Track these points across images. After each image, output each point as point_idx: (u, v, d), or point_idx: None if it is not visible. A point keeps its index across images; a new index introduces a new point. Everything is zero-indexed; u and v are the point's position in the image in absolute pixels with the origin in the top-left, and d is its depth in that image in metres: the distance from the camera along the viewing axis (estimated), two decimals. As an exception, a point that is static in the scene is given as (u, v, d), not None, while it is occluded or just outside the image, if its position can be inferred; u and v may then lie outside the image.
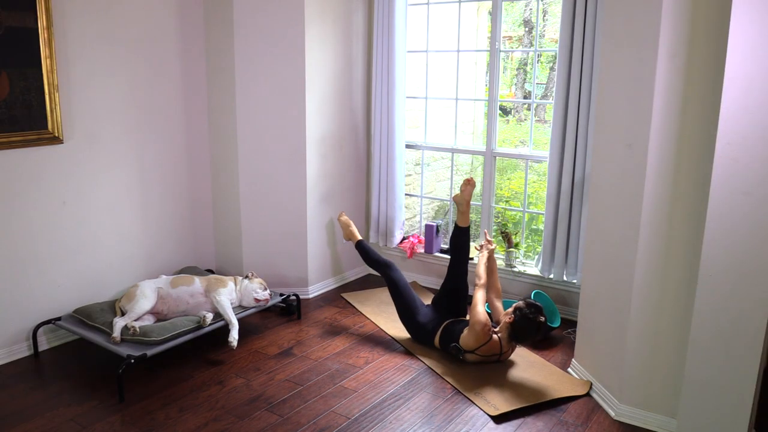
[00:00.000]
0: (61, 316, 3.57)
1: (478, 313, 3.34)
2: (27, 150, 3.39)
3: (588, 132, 3.71)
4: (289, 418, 2.93)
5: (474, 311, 3.37)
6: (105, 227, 3.81)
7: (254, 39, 4.07)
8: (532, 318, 3.29)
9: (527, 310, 3.31)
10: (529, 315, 3.29)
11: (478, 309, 3.37)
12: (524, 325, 3.30)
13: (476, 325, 3.31)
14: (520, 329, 3.32)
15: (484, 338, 3.31)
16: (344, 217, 4.32)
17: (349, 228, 4.24)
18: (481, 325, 3.30)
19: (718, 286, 2.46)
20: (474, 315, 3.35)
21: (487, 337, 3.32)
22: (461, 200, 3.73)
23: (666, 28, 2.54)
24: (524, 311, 3.31)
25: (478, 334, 3.31)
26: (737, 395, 2.48)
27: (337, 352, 3.62)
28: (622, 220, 2.85)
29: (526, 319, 3.29)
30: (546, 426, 2.90)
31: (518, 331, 3.34)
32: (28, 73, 3.32)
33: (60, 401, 3.05)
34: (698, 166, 2.58)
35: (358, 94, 4.66)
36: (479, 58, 6.86)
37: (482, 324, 3.30)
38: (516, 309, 3.35)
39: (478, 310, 3.36)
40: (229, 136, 4.25)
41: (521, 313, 3.31)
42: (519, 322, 3.31)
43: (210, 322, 3.45)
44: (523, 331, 3.32)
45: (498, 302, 3.65)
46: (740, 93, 2.31)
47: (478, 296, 3.46)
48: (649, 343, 2.82)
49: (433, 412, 3.00)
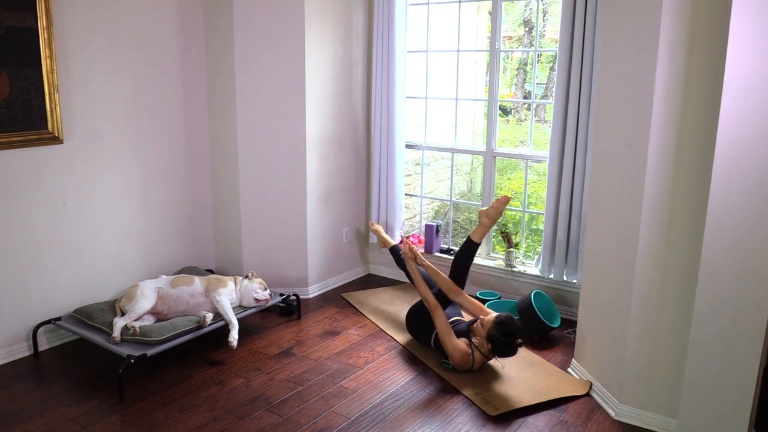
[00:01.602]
0: (61, 316, 3.57)
1: (451, 351, 3.27)
2: (27, 150, 3.39)
3: (588, 132, 3.71)
4: (289, 418, 2.93)
5: (446, 349, 3.30)
6: (105, 227, 3.81)
7: (254, 39, 4.07)
8: (509, 345, 3.17)
9: (501, 337, 3.16)
10: (503, 343, 3.16)
11: (448, 347, 3.28)
12: (503, 349, 3.20)
13: (454, 360, 3.28)
14: (501, 352, 3.22)
15: (467, 365, 3.29)
16: (375, 226, 4.45)
17: (379, 235, 4.37)
18: (459, 360, 3.27)
19: (718, 286, 2.46)
20: (447, 351, 3.30)
21: (469, 363, 3.29)
22: (492, 217, 3.57)
23: (666, 28, 2.54)
24: (498, 340, 3.17)
25: (459, 364, 3.29)
26: (737, 395, 2.48)
27: (337, 352, 3.62)
28: (622, 220, 2.85)
29: (503, 346, 3.18)
30: (546, 426, 2.90)
31: (500, 353, 3.23)
32: (28, 73, 3.32)
33: (60, 401, 3.05)
34: (698, 166, 2.58)
35: (358, 94, 4.66)
36: (479, 58, 6.86)
37: (459, 359, 3.26)
38: (489, 338, 3.20)
39: (448, 348, 3.28)
40: (229, 137, 4.25)
41: (496, 343, 3.18)
42: (497, 349, 3.20)
43: (210, 322, 3.45)
44: (504, 353, 3.22)
45: (461, 297, 3.50)
46: (740, 93, 2.31)
47: (439, 325, 3.33)
48: (649, 343, 2.82)
49: (433, 412, 3.00)
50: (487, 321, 3.25)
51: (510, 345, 3.17)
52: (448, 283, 3.55)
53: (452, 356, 3.30)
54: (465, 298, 3.50)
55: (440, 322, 3.36)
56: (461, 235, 6.13)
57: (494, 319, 3.22)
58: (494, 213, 3.58)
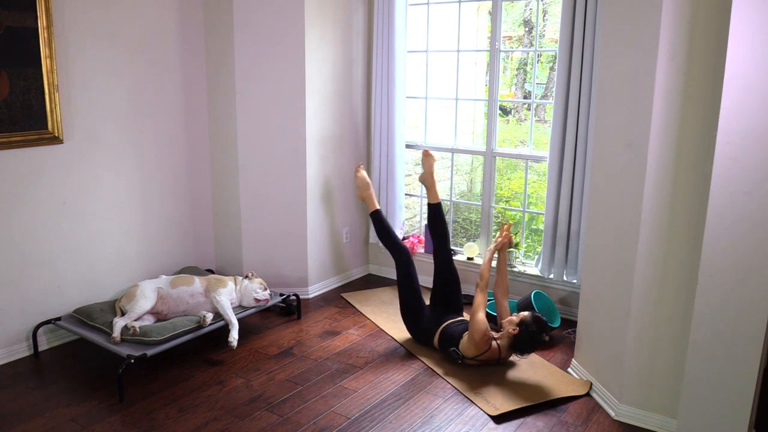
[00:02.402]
0: (61, 316, 3.57)
1: (478, 322, 3.27)
2: (27, 150, 3.39)
3: (588, 132, 3.71)
4: (289, 418, 2.93)
5: (474, 319, 3.30)
6: (105, 227, 3.81)
7: (254, 39, 4.07)
8: (537, 337, 3.22)
9: (533, 327, 3.22)
10: (534, 334, 3.21)
11: (478, 317, 3.29)
12: (528, 341, 3.23)
13: (476, 334, 3.27)
14: (523, 344, 3.25)
15: (484, 347, 3.28)
16: (362, 172, 4.05)
17: (367, 191, 3.97)
18: (481, 335, 3.26)
19: (718, 286, 2.46)
20: (473, 323, 3.29)
21: (486, 346, 3.28)
22: (425, 176, 3.70)
23: (666, 28, 2.54)
24: (530, 328, 3.22)
25: (477, 343, 3.28)
26: (737, 395, 2.48)
27: (337, 352, 3.62)
28: (622, 220, 2.85)
29: (531, 337, 3.22)
30: (546, 426, 2.90)
31: (520, 345, 3.26)
32: (28, 73, 3.32)
33: (60, 401, 3.05)
34: (698, 166, 2.58)
35: (358, 94, 4.66)
36: (479, 58, 6.86)
37: (482, 333, 3.25)
38: (522, 323, 3.25)
39: (477, 318, 3.29)
40: (229, 136, 4.25)
41: (527, 329, 3.22)
42: (523, 337, 3.23)
43: (210, 322, 3.45)
44: (525, 346, 3.25)
45: (505, 301, 3.58)
46: (740, 93, 2.31)
47: (478, 300, 3.37)
48: (649, 343, 2.82)
49: (433, 412, 3.00)
50: (523, 314, 3.32)
51: (539, 339, 3.23)
52: (507, 283, 3.65)
53: (476, 328, 3.26)
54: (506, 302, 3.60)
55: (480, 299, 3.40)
56: (461, 235, 6.13)
57: (532, 312, 3.33)
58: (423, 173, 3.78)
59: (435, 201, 3.72)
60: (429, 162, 3.77)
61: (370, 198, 3.98)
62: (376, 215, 3.93)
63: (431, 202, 3.75)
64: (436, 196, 3.75)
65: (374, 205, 3.96)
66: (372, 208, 3.96)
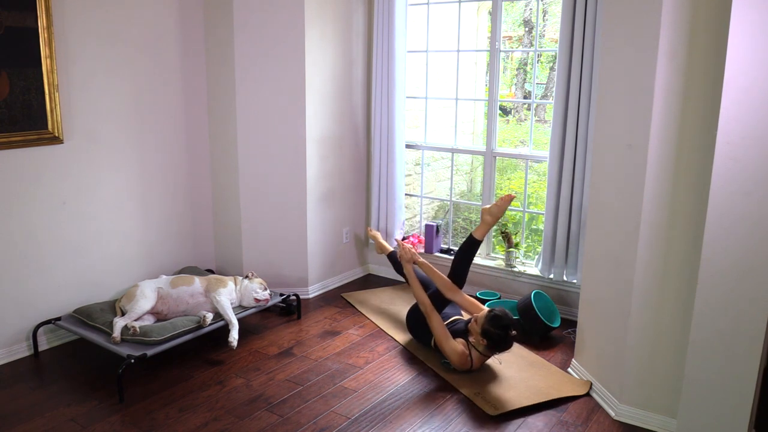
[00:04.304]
0: (61, 316, 3.57)
1: (449, 353, 3.28)
2: (27, 150, 3.39)
3: (588, 132, 3.71)
4: (289, 418, 2.93)
5: (443, 351, 3.31)
6: (105, 227, 3.81)
7: (254, 39, 4.07)
8: (504, 337, 3.17)
9: (496, 330, 3.15)
10: (500, 336, 3.15)
11: (446, 350, 3.29)
12: (500, 344, 3.20)
13: (452, 362, 3.30)
14: (497, 346, 3.22)
15: (467, 365, 3.29)
16: (372, 232, 4.54)
17: (377, 241, 4.45)
18: (457, 361, 3.28)
19: (718, 286, 2.46)
20: (445, 354, 3.31)
21: (467, 364, 3.28)
22: (495, 215, 3.55)
23: (666, 28, 2.54)
24: (492, 334, 3.16)
25: (458, 366, 3.30)
26: (737, 395, 2.48)
27: (337, 352, 3.62)
28: (622, 220, 2.85)
29: (500, 340, 3.17)
30: (546, 426, 2.90)
31: (496, 348, 3.23)
32: (28, 73, 3.32)
33: (60, 401, 3.05)
34: (698, 166, 2.58)
35: (358, 94, 4.66)
36: (479, 58, 6.86)
37: (458, 360, 3.27)
38: (484, 333, 3.18)
39: (446, 351, 3.29)
40: (229, 136, 4.25)
41: (491, 337, 3.17)
42: (492, 344, 3.20)
43: (210, 322, 3.45)
44: (500, 347, 3.22)
45: (458, 296, 3.51)
46: (740, 93, 2.31)
47: (435, 328, 3.35)
48: (649, 343, 2.82)
49: (433, 412, 3.00)
50: (480, 317, 3.23)
51: (505, 338, 3.16)
52: (445, 282, 3.55)
53: (450, 359, 3.30)
54: (462, 297, 3.51)
55: (436, 325, 3.36)
56: (461, 235, 6.13)
57: (487, 314, 3.21)
58: (497, 211, 3.56)
59: (481, 239, 3.60)
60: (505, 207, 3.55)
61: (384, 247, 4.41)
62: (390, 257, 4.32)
63: (478, 238, 3.59)
64: (484, 235, 3.61)
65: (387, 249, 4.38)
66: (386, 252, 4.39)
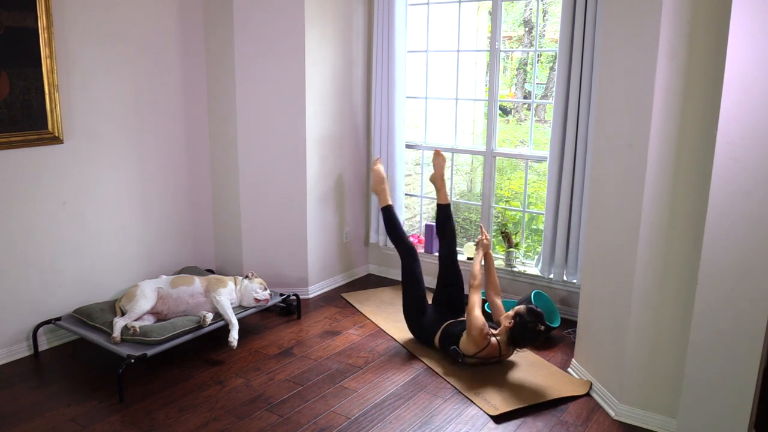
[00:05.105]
0: (61, 316, 3.57)
1: (475, 318, 3.28)
2: (27, 150, 3.39)
3: (588, 132, 3.71)
4: (289, 418, 2.93)
5: (470, 316, 3.30)
6: (105, 227, 3.81)
7: (254, 39, 4.07)
8: (531, 327, 3.21)
9: (527, 317, 3.22)
10: (528, 323, 3.21)
11: (475, 314, 3.29)
12: (523, 332, 3.23)
13: (473, 331, 3.27)
14: (519, 336, 3.25)
15: (483, 343, 3.29)
16: (378, 166, 4.05)
17: (381, 185, 3.95)
18: (478, 331, 3.26)
19: (718, 286, 2.46)
20: (470, 320, 3.29)
21: (485, 342, 3.29)
22: (435, 177, 3.69)
23: (666, 28, 2.54)
24: (524, 318, 3.22)
25: (476, 340, 3.28)
26: (737, 395, 2.48)
27: (337, 352, 3.62)
28: (622, 220, 2.85)
29: (526, 327, 3.22)
30: (546, 426, 2.90)
31: (517, 338, 3.27)
32: (28, 73, 3.32)
33: (60, 401, 3.05)
34: (698, 167, 2.58)
35: (358, 94, 4.66)
36: (479, 58, 6.86)
37: (479, 329, 3.26)
38: (516, 315, 3.26)
39: (474, 315, 3.29)
40: (229, 136, 4.25)
41: (521, 320, 3.23)
42: (518, 329, 3.24)
43: (210, 322, 3.45)
44: (521, 338, 3.26)
45: (498, 299, 3.60)
46: (740, 93, 2.31)
47: (474, 299, 3.37)
48: (649, 343, 2.82)
49: (433, 412, 3.00)
50: (518, 307, 3.31)
51: (532, 324, 3.21)
52: (496, 283, 3.67)
53: (471, 328, 3.27)
54: (498, 301, 3.61)
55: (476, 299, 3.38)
56: (461, 235, 6.13)
57: (527, 305, 3.33)
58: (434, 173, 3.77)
59: (444, 202, 3.70)
60: (439, 162, 3.72)
61: (383, 192, 3.95)
62: (387, 211, 3.90)
63: (441, 203, 3.72)
64: (445, 197, 3.72)
65: (386, 200, 3.93)
66: (384, 203, 3.93)
